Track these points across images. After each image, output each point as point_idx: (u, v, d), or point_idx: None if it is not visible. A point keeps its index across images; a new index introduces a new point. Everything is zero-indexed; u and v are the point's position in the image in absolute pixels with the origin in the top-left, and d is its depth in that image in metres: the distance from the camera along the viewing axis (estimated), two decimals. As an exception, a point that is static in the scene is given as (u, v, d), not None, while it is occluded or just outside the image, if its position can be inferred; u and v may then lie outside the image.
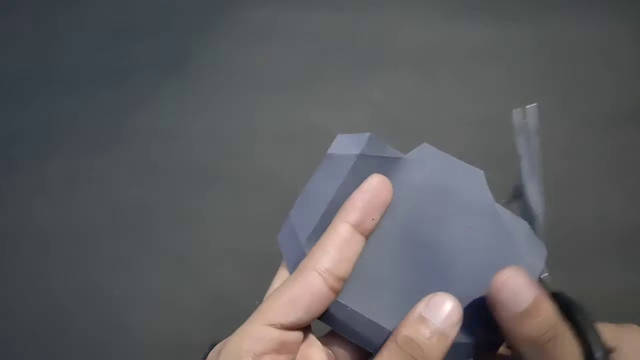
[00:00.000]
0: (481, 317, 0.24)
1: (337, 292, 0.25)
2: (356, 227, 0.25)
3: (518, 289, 0.23)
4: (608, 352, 0.23)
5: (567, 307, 0.24)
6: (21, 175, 0.77)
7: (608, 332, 0.27)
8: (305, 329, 0.26)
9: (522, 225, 0.29)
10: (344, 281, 0.25)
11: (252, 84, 0.82)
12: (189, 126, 0.79)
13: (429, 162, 0.30)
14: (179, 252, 0.67)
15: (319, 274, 0.24)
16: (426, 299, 0.24)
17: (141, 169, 0.76)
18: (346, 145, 0.30)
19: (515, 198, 0.27)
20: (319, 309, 0.24)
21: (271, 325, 0.24)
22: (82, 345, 0.62)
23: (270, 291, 0.27)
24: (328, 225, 0.26)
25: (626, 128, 0.74)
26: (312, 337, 0.26)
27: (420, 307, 0.24)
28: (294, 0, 0.90)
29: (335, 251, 0.24)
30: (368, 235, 0.26)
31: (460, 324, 0.24)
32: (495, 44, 0.82)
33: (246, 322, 0.25)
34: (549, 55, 0.81)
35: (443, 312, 0.24)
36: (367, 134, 0.30)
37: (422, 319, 0.24)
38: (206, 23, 0.89)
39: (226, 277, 0.64)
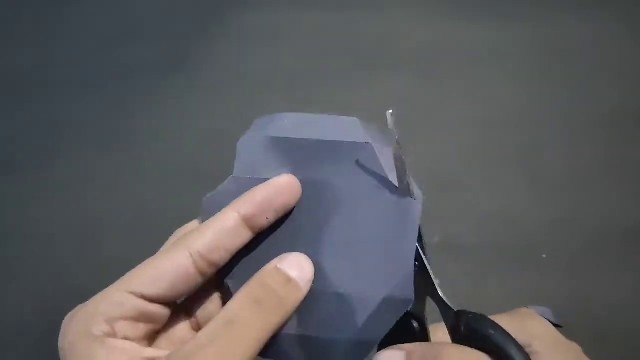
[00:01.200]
0: (362, 315, 0.24)
1: (205, 276, 0.24)
2: (246, 220, 0.24)
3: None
4: (528, 358, 0.22)
5: (472, 323, 0.23)
6: (21, 175, 0.77)
7: (510, 327, 0.26)
8: (177, 304, 0.25)
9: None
10: (216, 267, 0.24)
11: (253, 84, 0.82)
12: (190, 126, 0.79)
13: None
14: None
15: (190, 254, 0.24)
16: (280, 256, 0.24)
17: (141, 169, 0.76)
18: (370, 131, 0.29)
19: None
20: (184, 287, 0.24)
21: (132, 293, 0.24)
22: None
23: (188, 225, 0.28)
24: (284, 145, 0.26)
25: (626, 128, 0.74)
26: (183, 313, 0.26)
27: (275, 261, 0.24)
28: (294, 1, 0.90)
29: (213, 237, 0.24)
30: (257, 232, 0.25)
31: (311, 283, 0.24)
32: (495, 44, 0.82)
33: (107, 288, 0.24)
34: (549, 55, 0.81)
35: (297, 266, 0.24)
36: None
37: (277, 269, 0.24)
38: (207, 24, 0.89)
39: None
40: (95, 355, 0.22)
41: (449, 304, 0.24)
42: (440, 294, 0.25)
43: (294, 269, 0.24)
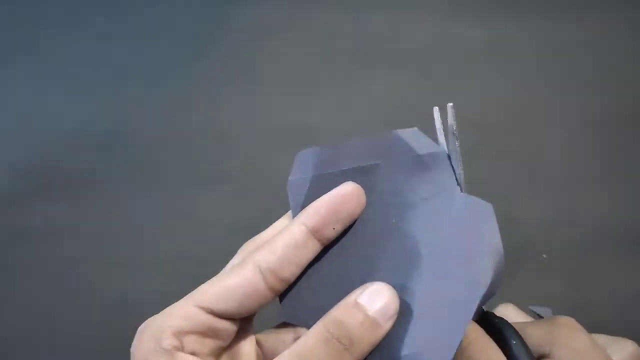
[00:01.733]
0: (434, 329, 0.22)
1: (276, 292, 0.24)
2: (314, 232, 0.24)
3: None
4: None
5: (497, 329, 0.23)
6: (20, 175, 0.77)
7: (538, 333, 0.26)
8: (244, 321, 0.25)
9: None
10: (287, 283, 0.24)
11: (252, 83, 0.82)
12: (190, 126, 0.79)
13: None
14: (179, 252, 0.67)
15: (260, 271, 0.23)
16: (362, 287, 0.23)
17: (141, 169, 0.76)
18: (417, 141, 0.29)
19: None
20: (253, 304, 0.23)
21: (201, 308, 0.23)
22: (81, 345, 0.62)
23: (259, 237, 0.27)
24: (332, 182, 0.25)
25: (626, 128, 0.74)
26: (249, 331, 0.26)
27: (356, 294, 0.23)
28: (294, 0, 0.90)
29: (283, 251, 0.23)
30: (326, 243, 0.25)
31: (394, 319, 0.22)
32: (495, 44, 0.82)
33: (177, 302, 0.24)
34: (549, 55, 0.81)
35: (380, 301, 0.22)
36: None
37: (357, 305, 0.22)
38: (207, 23, 0.89)
39: (226, 277, 0.63)
40: None
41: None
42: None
43: (376, 303, 0.22)
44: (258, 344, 0.26)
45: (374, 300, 0.23)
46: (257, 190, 0.71)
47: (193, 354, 0.23)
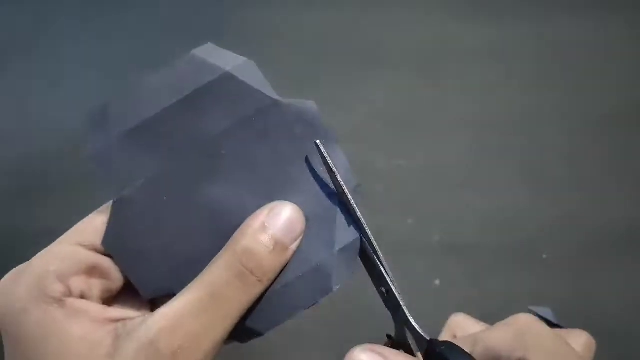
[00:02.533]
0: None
1: None
2: None
3: None
4: None
5: (444, 354, 0.22)
6: (20, 174, 0.77)
7: (506, 338, 0.25)
8: None
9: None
10: None
11: (252, 84, 0.82)
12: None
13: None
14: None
15: None
16: (268, 207, 0.22)
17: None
18: (217, 57, 0.27)
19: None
20: None
21: (81, 245, 0.22)
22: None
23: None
24: (145, 132, 0.23)
25: (627, 128, 0.74)
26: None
27: (263, 215, 0.21)
28: (294, 0, 0.90)
29: None
30: None
31: (301, 237, 0.22)
32: (495, 44, 0.82)
33: (53, 244, 0.22)
34: (549, 55, 0.81)
35: (284, 220, 0.21)
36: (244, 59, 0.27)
37: (264, 229, 0.21)
38: (206, 23, 0.89)
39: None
40: (53, 320, 0.19)
41: (420, 331, 0.24)
42: (410, 319, 0.24)
43: (282, 224, 0.21)
44: None
45: (279, 221, 0.22)
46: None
47: (82, 297, 0.21)
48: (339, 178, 0.23)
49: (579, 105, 0.76)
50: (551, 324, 0.55)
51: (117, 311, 0.21)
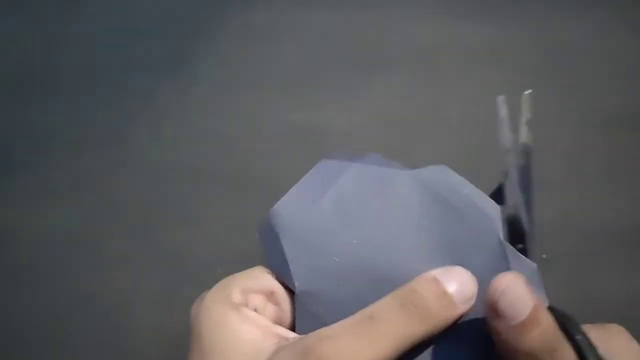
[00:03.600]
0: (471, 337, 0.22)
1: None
2: None
3: (518, 295, 0.20)
4: None
5: (562, 322, 0.22)
6: (21, 175, 0.77)
7: (593, 335, 0.25)
8: None
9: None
10: None
11: (252, 84, 0.82)
12: (189, 126, 0.79)
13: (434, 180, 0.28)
14: (179, 252, 0.67)
15: None
16: (443, 267, 0.23)
17: (141, 169, 0.76)
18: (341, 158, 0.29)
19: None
20: None
21: (267, 272, 0.25)
22: (82, 345, 0.62)
23: None
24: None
25: (626, 128, 0.74)
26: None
27: (435, 271, 0.22)
28: (294, 1, 0.90)
29: None
30: None
31: (472, 303, 0.22)
32: (495, 44, 0.82)
33: (251, 268, 0.26)
34: (549, 55, 0.81)
35: (459, 280, 0.22)
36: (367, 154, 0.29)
37: (435, 280, 0.22)
38: (206, 23, 0.89)
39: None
40: (228, 319, 0.22)
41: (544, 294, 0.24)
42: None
43: (454, 282, 0.22)
44: None
45: (452, 279, 0.22)
46: (257, 191, 0.71)
47: (257, 310, 0.23)
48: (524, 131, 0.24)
49: (579, 105, 0.76)
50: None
51: (284, 331, 0.23)
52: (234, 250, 0.68)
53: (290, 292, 0.24)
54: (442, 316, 0.21)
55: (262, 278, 0.25)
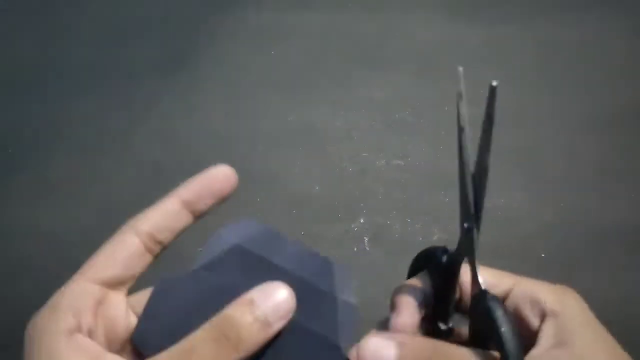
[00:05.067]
0: None
1: (153, 254, 0.25)
2: (186, 205, 0.26)
3: (378, 349, 0.23)
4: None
5: (487, 303, 0.23)
6: (21, 175, 0.77)
7: (547, 295, 0.26)
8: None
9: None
10: (162, 246, 0.26)
11: (253, 84, 0.82)
12: (190, 126, 0.79)
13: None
14: (179, 252, 0.67)
15: (137, 234, 0.25)
16: (261, 285, 0.23)
17: (142, 169, 0.76)
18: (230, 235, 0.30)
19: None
20: (136, 266, 0.25)
21: (92, 281, 0.25)
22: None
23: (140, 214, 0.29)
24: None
25: (626, 128, 0.74)
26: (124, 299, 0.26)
27: (252, 292, 0.23)
28: (294, 1, 0.90)
29: (157, 218, 0.26)
30: (198, 216, 0.26)
31: (288, 318, 0.23)
32: (495, 44, 0.82)
33: (68, 281, 0.25)
34: (549, 55, 0.81)
35: (274, 300, 0.23)
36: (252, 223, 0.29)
37: (250, 302, 0.23)
38: (207, 24, 0.90)
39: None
40: (58, 351, 0.22)
41: (480, 280, 0.24)
42: (477, 269, 0.24)
43: (269, 301, 0.23)
44: (132, 309, 0.27)
45: (268, 298, 0.23)
46: (257, 191, 0.71)
47: (90, 332, 0.23)
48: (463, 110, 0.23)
49: (579, 105, 0.76)
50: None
51: (113, 357, 0.24)
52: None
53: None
54: (256, 339, 0.22)
55: (88, 292, 0.24)
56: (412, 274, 0.27)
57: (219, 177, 0.27)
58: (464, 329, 0.25)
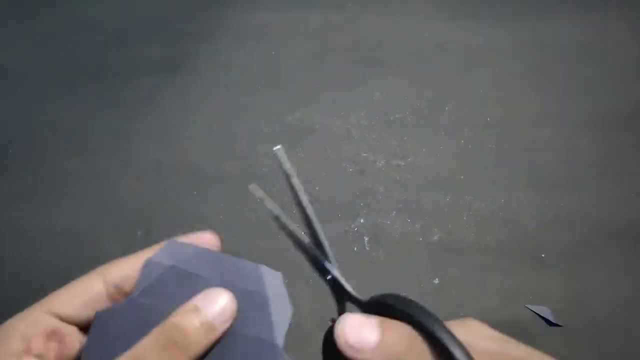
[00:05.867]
0: None
1: (113, 301, 0.26)
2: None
3: (360, 327, 0.23)
4: (467, 352, 0.23)
5: (414, 315, 0.23)
6: (21, 175, 0.77)
7: (453, 328, 0.27)
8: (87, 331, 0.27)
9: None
10: (124, 295, 0.26)
11: (252, 84, 0.82)
12: (190, 126, 0.79)
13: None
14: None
15: (104, 281, 0.26)
16: (204, 292, 0.25)
17: (142, 169, 0.76)
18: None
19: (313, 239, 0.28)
20: (95, 309, 0.25)
21: (48, 312, 0.26)
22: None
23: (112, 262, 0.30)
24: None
25: (625, 128, 0.74)
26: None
27: (196, 298, 0.24)
28: (294, 1, 0.90)
29: (127, 269, 0.26)
30: None
31: (231, 321, 0.24)
32: (495, 44, 0.82)
33: (28, 308, 0.26)
34: (549, 55, 0.81)
35: (217, 305, 0.24)
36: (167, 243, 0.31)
37: (195, 309, 0.24)
38: (207, 24, 0.90)
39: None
40: None
41: (354, 294, 0.25)
42: (349, 290, 0.26)
43: (213, 306, 0.24)
44: None
45: (212, 304, 0.24)
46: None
47: (39, 356, 0.24)
48: (294, 180, 0.25)
49: (579, 105, 0.76)
50: (550, 323, 0.55)
51: None
52: (233, 249, 0.68)
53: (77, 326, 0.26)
54: (203, 343, 0.24)
55: (41, 321, 0.25)
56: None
57: (205, 239, 0.28)
58: None
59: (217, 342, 0.24)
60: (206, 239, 0.28)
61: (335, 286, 0.27)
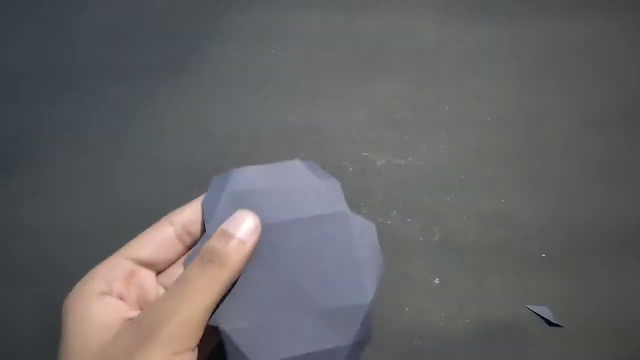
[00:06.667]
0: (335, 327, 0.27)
1: (183, 243, 0.31)
2: None
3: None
4: None
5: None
6: (21, 175, 0.77)
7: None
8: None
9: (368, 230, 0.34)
10: (192, 237, 0.31)
11: (252, 84, 0.82)
12: (189, 126, 0.79)
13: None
14: (179, 251, 0.67)
15: (171, 224, 0.30)
16: (231, 217, 0.29)
17: (141, 169, 0.76)
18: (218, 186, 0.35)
19: None
20: (168, 251, 0.30)
21: (126, 258, 0.30)
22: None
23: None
24: (247, 197, 0.31)
25: (625, 128, 0.74)
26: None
27: (224, 224, 0.29)
28: (293, 1, 0.90)
29: (189, 213, 0.31)
30: None
31: (258, 234, 0.28)
32: (495, 44, 0.82)
33: (112, 255, 0.31)
34: (549, 55, 0.81)
35: (242, 223, 0.28)
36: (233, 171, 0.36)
37: (223, 232, 0.28)
38: (206, 23, 0.90)
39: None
40: (90, 308, 0.27)
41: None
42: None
43: (238, 226, 0.28)
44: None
45: (236, 225, 0.29)
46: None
47: (121, 296, 0.28)
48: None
49: (579, 105, 0.76)
50: (550, 323, 0.55)
51: (135, 313, 0.29)
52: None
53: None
54: (239, 257, 0.27)
55: (120, 266, 0.29)
56: None
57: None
58: None
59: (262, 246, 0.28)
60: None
61: None
